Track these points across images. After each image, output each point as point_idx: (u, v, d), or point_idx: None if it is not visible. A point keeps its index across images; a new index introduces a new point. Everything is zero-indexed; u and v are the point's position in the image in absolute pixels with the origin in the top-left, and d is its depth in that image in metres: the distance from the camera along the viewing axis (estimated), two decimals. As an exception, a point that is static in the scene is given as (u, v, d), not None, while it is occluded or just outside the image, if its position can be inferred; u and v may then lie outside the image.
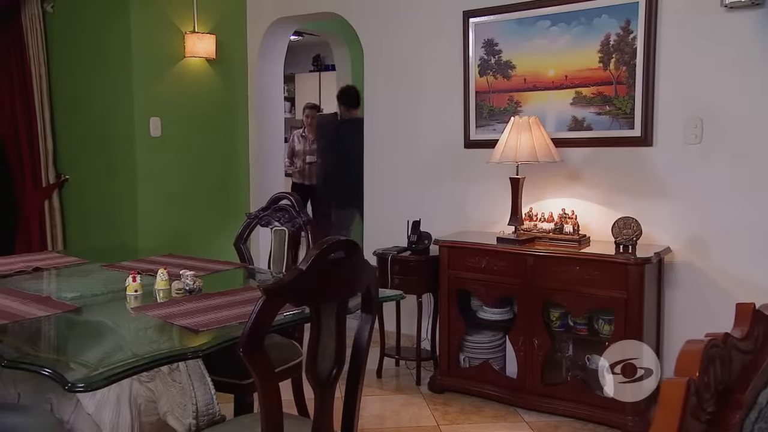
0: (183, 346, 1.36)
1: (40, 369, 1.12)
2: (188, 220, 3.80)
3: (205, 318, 1.48)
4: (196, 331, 1.39)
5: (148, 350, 1.29)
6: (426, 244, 3.06)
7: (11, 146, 3.69)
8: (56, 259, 2.10)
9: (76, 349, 1.32)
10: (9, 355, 1.22)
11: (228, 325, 1.44)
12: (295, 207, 2.34)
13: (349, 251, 1.38)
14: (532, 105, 2.98)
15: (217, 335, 1.38)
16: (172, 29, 3.66)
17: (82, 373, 1.11)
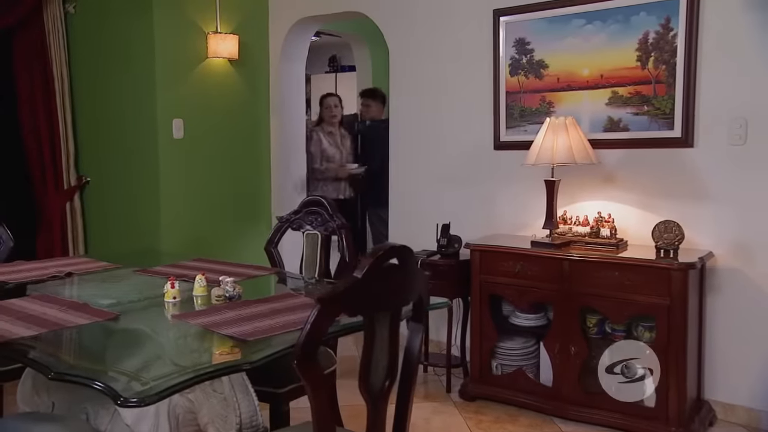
0: (231, 356, 1.30)
1: (92, 383, 1.07)
2: (210, 223, 3.76)
3: (251, 327, 1.42)
4: (244, 341, 1.33)
5: (196, 361, 1.24)
6: (456, 247, 2.99)
7: (33, 148, 3.67)
8: (87, 264, 2.05)
9: (122, 360, 1.27)
10: (55, 366, 1.16)
11: (276, 335, 1.38)
12: (328, 210, 2.28)
13: (404, 258, 1.31)
14: (566, 105, 2.90)
15: (267, 345, 1.32)
16: (194, 29, 3.62)
17: (134, 387, 1.06)
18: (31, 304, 1.56)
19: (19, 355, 1.26)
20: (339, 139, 4.25)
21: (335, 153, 4.20)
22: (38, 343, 1.32)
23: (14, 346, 1.29)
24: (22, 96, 3.62)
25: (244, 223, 3.96)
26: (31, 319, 1.43)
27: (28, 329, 1.36)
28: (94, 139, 3.79)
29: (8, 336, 1.31)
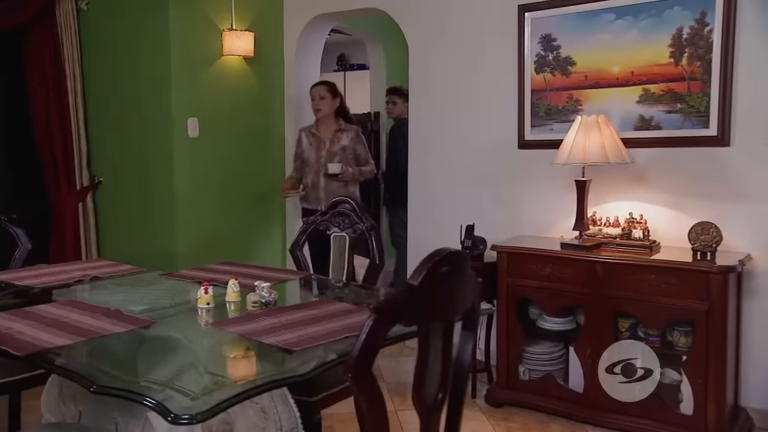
0: (278, 368, 1.23)
1: (142, 398, 1.00)
2: (225, 223, 3.69)
3: (293, 335, 1.35)
4: (290, 351, 1.26)
5: (245, 373, 1.17)
6: (481, 249, 2.92)
7: (45, 148, 3.60)
8: (111, 267, 1.98)
9: (166, 372, 1.20)
10: (97, 378, 1.10)
11: (321, 344, 1.31)
12: (356, 211, 2.21)
13: (459, 263, 1.24)
14: (594, 103, 2.83)
15: (313, 355, 1.25)
16: (210, 27, 3.55)
17: (185, 403, 0.99)
18: (61, 311, 1.49)
19: (55, 366, 1.19)
20: (326, 138, 3.40)
21: (311, 155, 3.42)
22: (75, 353, 1.25)
23: (49, 356, 1.22)
24: (35, 94, 3.55)
25: (258, 223, 3.89)
26: (64, 327, 1.36)
27: (63, 338, 1.29)
28: (106, 139, 3.72)
29: (43, 345, 1.25)
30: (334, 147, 3.40)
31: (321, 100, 3.39)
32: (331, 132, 3.44)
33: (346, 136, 3.44)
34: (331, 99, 3.41)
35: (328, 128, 3.44)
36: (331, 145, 3.41)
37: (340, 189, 3.31)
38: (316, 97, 3.41)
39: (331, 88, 3.46)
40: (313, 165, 3.42)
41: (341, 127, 3.43)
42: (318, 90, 3.45)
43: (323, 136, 3.43)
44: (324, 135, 3.43)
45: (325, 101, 3.40)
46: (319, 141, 3.43)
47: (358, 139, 3.47)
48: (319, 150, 3.41)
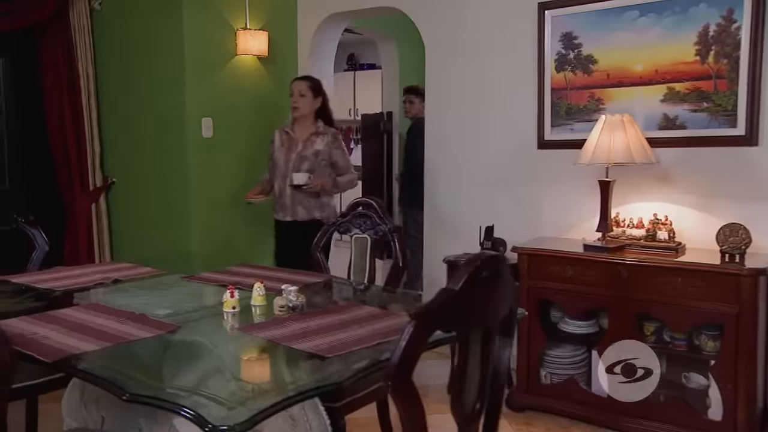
0: (314, 375, 1.19)
1: (178, 408, 0.96)
2: (239, 224, 3.66)
3: (324, 341, 1.31)
4: (323, 358, 1.23)
5: (282, 380, 1.13)
6: (501, 251, 2.87)
7: (59, 148, 3.58)
8: (132, 270, 1.95)
9: (199, 380, 1.16)
10: (128, 386, 1.06)
11: (354, 351, 1.27)
12: (378, 213, 2.17)
13: (498, 268, 1.20)
14: (617, 102, 2.78)
15: (347, 362, 1.22)
16: (224, 26, 3.52)
17: (221, 413, 0.95)
18: (85, 315, 1.46)
19: (84, 373, 1.16)
20: (299, 140, 3.00)
21: (280, 157, 3.01)
22: (103, 359, 1.21)
23: (77, 362, 1.19)
24: (49, 94, 3.53)
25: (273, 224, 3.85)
26: (90, 332, 1.33)
27: (90, 343, 1.26)
28: (119, 139, 3.70)
29: (70, 351, 1.21)
30: (306, 151, 2.97)
31: (301, 97, 3.01)
32: (306, 134, 3.03)
33: (322, 140, 3.00)
34: (312, 98, 3.03)
35: (303, 129, 3.04)
36: (304, 148, 2.98)
37: (312, 200, 2.93)
38: (296, 93, 3.03)
39: (314, 85, 3.08)
40: (281, 169, 2.98)
41: (318, 129, 3.03)
42: (299, 86, 3.06)
43: (297, 137, 3.02)
44: (298, 136, 3.02)
45: (305, 99, 3.01)
46: (291, 142, 3.02)
47: (335, 144, 3.04)
48: (289, 152, 2.99)
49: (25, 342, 1.23)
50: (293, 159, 2.98)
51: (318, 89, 3.08)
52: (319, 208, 3.01)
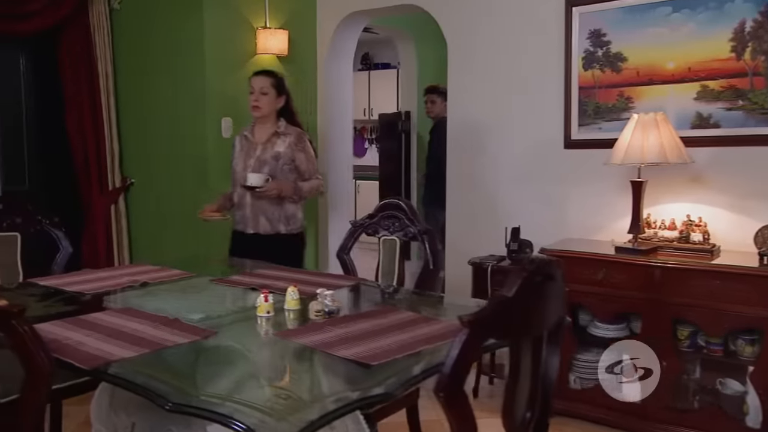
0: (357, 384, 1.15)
1: (227, 421, 0.92)
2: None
3: (366, 347, 1.27)
4: (368, 366, 1.18)
5: (329, 390, 1.09)
6: (528, 253, 2.82)
7: (78, 148, 3.57)
8: (159, 273, 1.92)
9: (242, 389, 1.12)
10: (170, 395, 1.02)
11: (397, 358, 1.23)
12: (408, 214, 2.13)
13: (551, 273, 1.15)
14: (647, 101, 2.71)
15: (392, 370, 1.17)
16: (244, 25, 3.49)
17: (269, 424, 0.91)
18: (118, 319, 1.42)
19: (120, 380, 1.13)
20: (258, 143, 2.65)
21: (239, 163, 2.67)
22: (140, 366, 1.18)
23: (114, 369, 1.16)
24: (68, 94, 3.52)
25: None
26: (125, 337, 1.29)
27: (127, 349, 1.22)
28: (138, 139, 3.68)
29: (107, 357, 1.18)
30: (265, 154, 2.61)
31: (262, 95, 2.62)
32: (266, 135, 2.65)
33: (283, 141, 2.64)
34: (275, 96, 2.65)
35: (263, 131, 2.66)
36: (263, 151, 2.62)
37: (275, 211, 2.61)
38: (256, 90, 2.62)
39: (278, 82, 2.69)
40: (239, 176, 2.63)
41: (279, 130, 2.66)
42: (260, 82, 2.64)
43: (256, 140, 2.66)
44: (257, 139, 2.66)
45: (267, 98, 2.62)
46: (250, 146, 2.66)
47: (299, 145, 2.67)
48: (248, 157, 2.63)
49: (61, 348, 1.20)
50: (251, 165, 2.61)
51: (282, 87, 2.71)
52: (284, 221, 2.63)
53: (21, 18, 3.19)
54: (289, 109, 2.75)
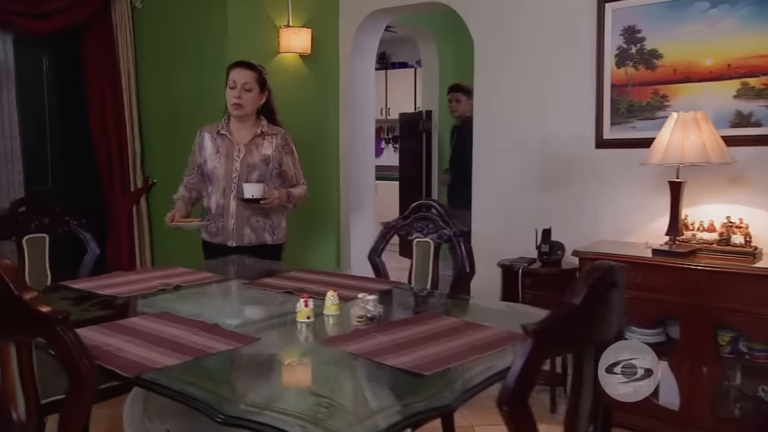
0: (412, 394, 1.09)
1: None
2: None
3: (416, 356, 1.22)
4: (421, 375, 1.13)
5: (385, 403, 1.04)
6: (559, 255, 2.76)
7: (101, 148, 3.55)
8: (191, 275, 1.88)
9: (294, 399, 1.08)
10: (221, 405, 0.98)
11: (450, 367, 1.17)
12: (443, 216, 2.07)
13: (616, 280, 1.09)
14: (683, 99, 2.63)
15: (446, 380, 1.12)
16: (267, 23, 3.45)
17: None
18: (155, 324, 1.39)
19: (164, 388, 1.08)
20: (240, 144, 2.40)
21: (219, 167, 2.40)
22: (183, 374, 1.14)
23: (157, 377, 1.11)
24: (91, 94, 3.50)
25: (312, 225, 3.78)
26: (165, 343, 1.25)
27: (170, 357, 1.18)
28: (160, 140, 3.66)
29: (150, 365, 1.14)
30: (252, 157, 2.38)
31: (246, 92, 2.37)
32: (248, 136, 2.41)
33: (270, 143, 2.43)
34: (258, 93, 2.40)
35: (244, 130, 2.42)
36: (248, 154, 2.38)
37: (261, 220, 2.40)
38: (239, 86, 2.37)
39: (262, 77, 2.44)
40: (221, 181, 2.37)
41: (264, 130, 2.44)
42: (243, 76, 2.37)
43: (237, 141, 2.40)
44: (239, 139, 2.40)
45: (250, 95, 2.38)
46: (231, 147, 2.38)
47: (286, 148, 2.48)
48: (230, 160, 2.36)
49: (102, 354, 1.16)
50: (238, 168, 2.35)
51: (265, 82, 2.45)
52: (269, 231, 2.44)
53: (43, 17, 3.18)
54: (271, 107, 2.52)
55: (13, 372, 1.13)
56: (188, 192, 2.53)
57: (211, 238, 2.45)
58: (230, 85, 2.41)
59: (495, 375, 1.14)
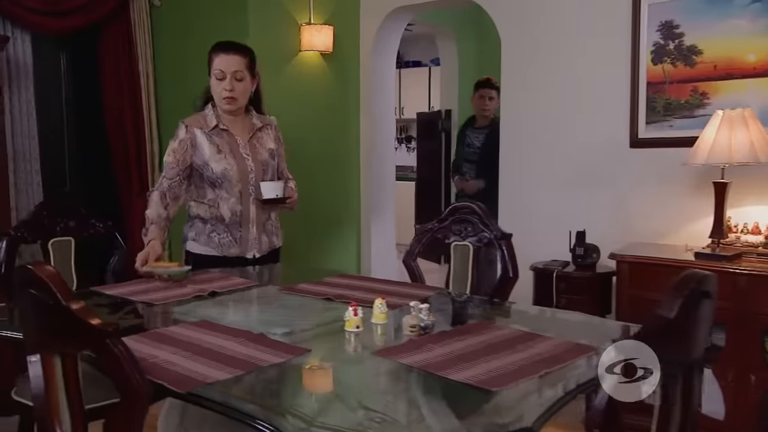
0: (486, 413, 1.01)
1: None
2: (299, 227, 3.51)
3: (480, 370, 1.13)
4: (488, 391, 1.05)
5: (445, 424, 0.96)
6: (594, 258, 2.67)
7: (119, 149, 3.49)
8: (224, 281, 1.80)
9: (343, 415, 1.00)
10: (284, 426, 0.91)
11: (519, 382, 1.09)
12: (482, 219, 1.99)
13: (709, 290, 1.01)
14: (725, 96, 2.54)
15: (520, 398, 1.04)
16: (289, 21, 3.38)
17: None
18: (198, 334, 1.31)
19: (223, 407, 1.01)
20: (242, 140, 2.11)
21: (230, 167, 2.06)
22: (236, 388, 1.06)
23: (211, 392, 1.04)
24: (108, 93, 3.43)
25: (333, 227, 3.71)
26: (212, 355, 1.18)
27: (220, 369, 1.10)
28: (178, 140, 3.59)
29: (203, 380, 1.06)
30: (261, 153, 2.12)
31: (237, 82, 2.04)
32: (247, 130, 2.13)
33: (268, 135, 2.19)
34: (250, 80, 2.09)
35: (240, 124, 2.13)
36: (252, 150, 2.10)
37: (271, 223, 2.18)
38: (228, 75, 2.03)
39: (252, 60, 2.10)
40: (235, 185, 2.05)
41: (262, 121, 2.20)
42: (233, 63, 2.03)
43: (239, 136, 2.11)
44: (239, 135, 2.11)
45: (242, 85, 2.05)
46: (234, 144, 2.08)
47: (280, 139, 2.25)
48: (240, 159, 2.07)
49: (149, 367, 1.09)
50: (253, 167, 2.08)
51: (254, 66, 2.12)
52: (275, 233, 2.20)
53: (62, 15, 3.12)
54: (259, 95, 2.19)
55: (57, 384, 1.06)
56: (164, 206, 2.03)
57: (224, 251, 2.08)
58: (217, 75, 2.04)
59: (571, 392, 1.06)
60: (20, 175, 3.03)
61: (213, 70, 2.07)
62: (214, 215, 2.09)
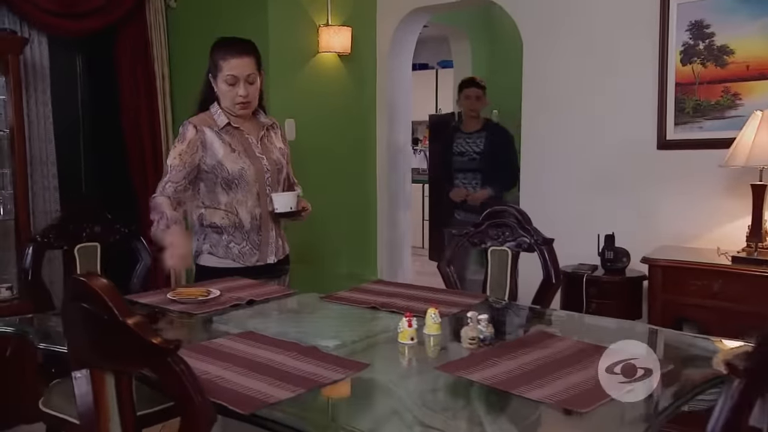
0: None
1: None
2: (315, 230, 3.45)
3: (560, 388, 1.07)
4: (577, 413, 0.99)
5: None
6: (624, 262, 2.62)
7: (135, 152, 3.43)
8: (260, 288, 1.74)
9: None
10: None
11: (603, 402, 1.03)
12: (521, 223, 1.94)
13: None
14: (759, 97, 2.50)
15: (605, 421, 0.98)
16: (306, 22, 3.33)
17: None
18: (246, 347, 1.25)
19: (290, 429, 0.95)
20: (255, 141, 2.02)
21: (247, 169, 1.97)
22: (298, 409, 1.00)
23: (274, 413, 0.98)
24: (125, 95, 3.37)
25: (351, 229, 3.65)
26: (265, 370, 1.12)
27: (282, 388, 1.04)
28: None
29: (264, 399, 1.00)
30: (273, 152, 2.04)
31: (250, 85, 1.94)
32: (256, 129, 2.04)
33: (276, 133, 2.11)
34: (259, 81, 1.99)
35: (248, 123, 2.03)
36: (265, 150, 2.02)
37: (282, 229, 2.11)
38: (242, 79, 1.91)
39: (259, 59, 2.00)
40: (253, 186, 1.96)
41: (271, 120, 2.12)
42: (245, 66, 1.92)
43: (250, 135, 2.02)
44: (251, 133, 2.02)
45: (254, 88, 1.96)
46: (247, 144, 1.99)
47: (285, 139, 2.17)
48: (254, 158, 1.97)
49: (205, 385, 1.03)
50: (268, 167, 1.99)
51: (261, 62, 2.02)
52: (284, 238, 2.14)
53: (79, 17, 3.06)
54: (262, 92, 2.07)
55: (109, 403, 1.00)
56: (174, 209, 1.90)
57: (245, 260, 1.96)
58: (229, 81, 1.91)
59: (664, 412, 1.01)
60: (36, 179, 2.97)
61: (224, 75, 1.93)
62: (232, 222, 1.97)
